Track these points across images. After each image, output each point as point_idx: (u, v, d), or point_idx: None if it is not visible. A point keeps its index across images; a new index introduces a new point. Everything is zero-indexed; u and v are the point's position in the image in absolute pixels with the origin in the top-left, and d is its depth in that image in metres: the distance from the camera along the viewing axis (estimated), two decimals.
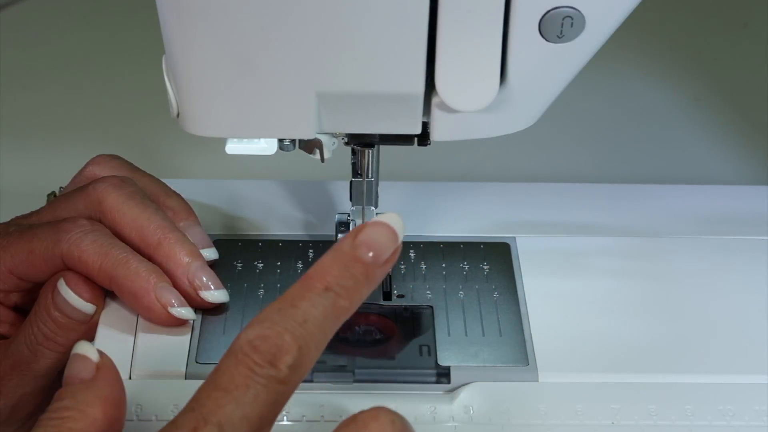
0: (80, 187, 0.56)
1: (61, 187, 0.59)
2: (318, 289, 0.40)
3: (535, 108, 0.49)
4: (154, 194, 0.56)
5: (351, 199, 0.55)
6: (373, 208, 0.55)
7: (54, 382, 0.53)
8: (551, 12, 0.45)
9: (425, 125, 0.49)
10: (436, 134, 0.49)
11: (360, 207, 0.55)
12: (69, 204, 0.55)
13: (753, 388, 0.50)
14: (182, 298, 0.52)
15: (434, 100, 0.47)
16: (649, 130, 0.84)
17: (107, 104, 0.87)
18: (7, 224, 0.56)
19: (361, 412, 0.39)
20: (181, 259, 0.53)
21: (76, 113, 0.86)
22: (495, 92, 0.46)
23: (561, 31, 0.45)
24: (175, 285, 0.52)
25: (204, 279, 0.53)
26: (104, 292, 0.53)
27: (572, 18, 0.45)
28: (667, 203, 0.63)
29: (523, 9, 0.44)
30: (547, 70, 0.47)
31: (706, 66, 0.91)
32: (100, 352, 0.41)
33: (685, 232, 0.60)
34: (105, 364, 0.41)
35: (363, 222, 0.55)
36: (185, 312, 0.52)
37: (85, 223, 0.52)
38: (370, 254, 0.41)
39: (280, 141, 0.51)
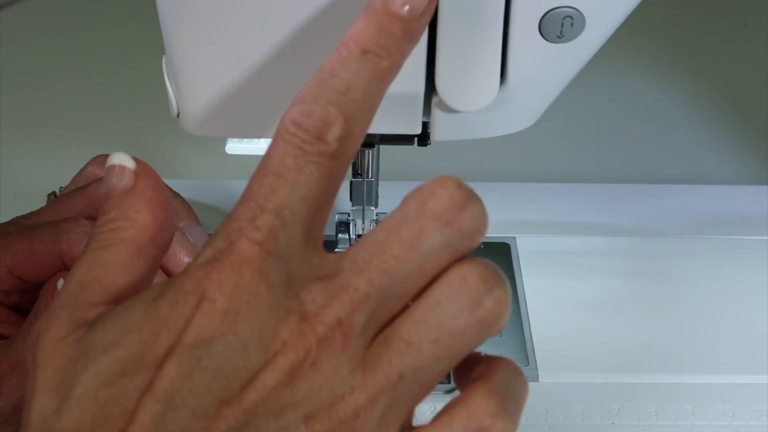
0: (81, 187, 0.56)
1: (61, 187, 0.59)
2: (356, 54, 0.37)
3: (536, 108, 0.49)
4: None
5: (351, 199, 0.55)
6: (373, 208, 0.55)
7: None
8: (551, 12, 0.45)
9: (425, 125, 0.49)
10: (436, 134, 0.49)
11: (360, 207, 0.55)
12: (70, 204, 0.55)
13: (753, 388, 0.51)
14: None
15: (434, 100, 0.47)
16: (649, 130, 0.84)
17: (107, 104, 0.87)
18: (8, 224, 0.56)
19: (427, 182, 0.36)
20: (181, 259, 0.53)
21: (76, 113, 0.86)
22: (495, 92, 0.46)
23: (561, 31, 0.45)
24: None
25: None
26: None
27: (572, 18, 0.45)
28: (667, 203, 0.63)
29: (523, 9, 0.44)
30: (548, 70, 0.47)
31: (706, 66, 0.91)
32: (136, 159, 0.39)
33: (685, 232, 0.60)
34: (143, 170, 0.39)
35: (363, 221, 0.56)
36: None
37: (85, 223, 0.52)
38: (406, 8, 0.38)
39: None
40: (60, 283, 0.52)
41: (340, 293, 0.34)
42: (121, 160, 0.39)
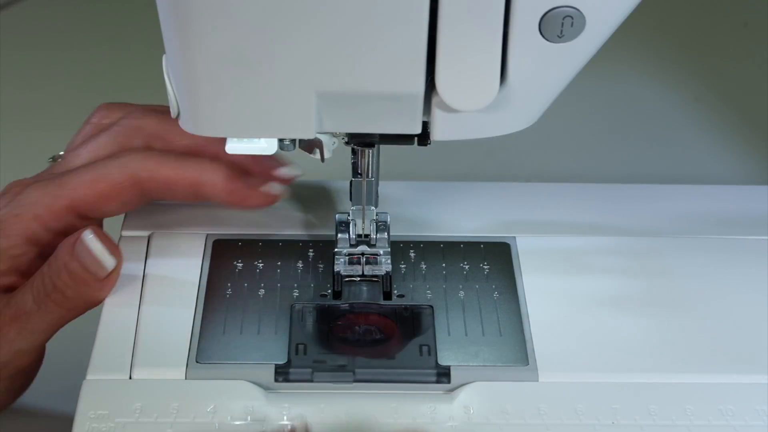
0: (107, 128, 0.57)
1: (61, 154, 0.59)
2: None
3: (535, 108, 0.49)
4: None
5: (351, 199, 0.55)
6: (373, 207, 0.55)
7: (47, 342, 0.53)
8: (551, 12, 0.45)
9: (425, 125, 0.49)
10: (436, 134, 0.49)
11: (360, 207, 0.55)
12: (104, 144, 0.56)
13: (753, 388, 0.51)
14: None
15: (434, 100, 0.47)
16: (649, 130, 0.84)
17: None
18: (38, 175, 0.57)
19: None
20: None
21: (76, 113, 0.85)
22: (495, 92, 0.46)
23: (561, 31, 0.45)
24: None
25: (273, 162, 0.57)
26: (121, 255, 0.54)
27: (572, 18, 0.45)
28: (667, 203, 0.63)
29: (524, 8, 0.44)
30: (548, 69, 0.47)
31: (706, 66, 0.91)
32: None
33: (685, 232, 0.60)
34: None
35: (363, 221, 0.56)
36: (276, 186, 0.56)
37: (142, 149, 0.55)
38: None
39: (281, 140, 0.51)
40: (87, 232, 0.52)
41: None
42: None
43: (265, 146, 0.51)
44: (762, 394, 0.50)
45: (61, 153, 0.59)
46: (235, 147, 0.50)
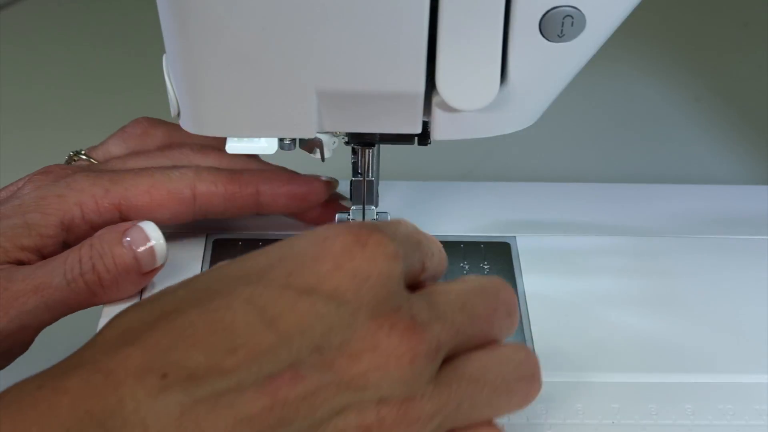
0: (158, 150, 0.58)
1: (82, 151, 0.58)
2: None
3: (536, 108, 0.49)
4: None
5: (351, 199, 0.55)
6: (373, 207, 0.55)
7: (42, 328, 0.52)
8: (552, 11, 0.45)
9: (425, 125, 0.49)
10: (436, 134, 0.49)
11: (360, 207, 0.55)
12: (156, 162, 0.56)
13: (753, 388, 0.50)
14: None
15: (435, 100, 0.47)
16: (649, 130, 0.84)
17: (107, 104, 0.87)
18: (72, 168, 0.56)
19: (495, 280, 0.44)
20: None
21: (76, 113, 0.86)
22: (495, 91, 0.46)
23: (561, 31, 0.45)
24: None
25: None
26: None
27: (573, 17, 0.45)
28: (667, 203, 0.63)
29: (524, 8, 0.44)
30: (548, 69, 0.47)
31: (706, 66, 0.91)
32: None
33: (685, 232, 0.60)
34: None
35: (363, 221, 0.56)
36: (330, 178, 0.58)
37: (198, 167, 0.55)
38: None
39: (281, 140, 0.51)
40: (146, 221, 0.51)
41: (440, 318, 0.40)
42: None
43: (265, 146, 0.51)
44: (762, 394, 0.50)
45: (82, 151, 0.58)
46: (235, 146, 0.50)
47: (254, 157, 0.59)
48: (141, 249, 0.51)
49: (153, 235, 0.51)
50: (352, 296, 0.38)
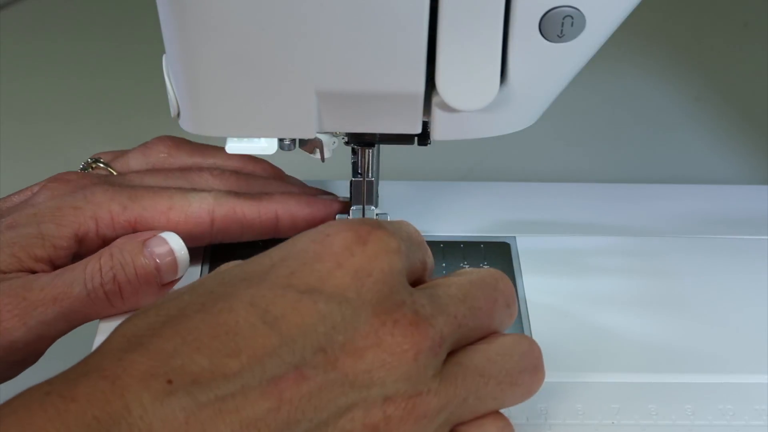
0: (183, 170, 0.57)
1: (98, 158, 0.58)
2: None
3: (535, 108, 0.49)
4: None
5: (351, 199, 0.55)
6: (373, 207, 0.55)
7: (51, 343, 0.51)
8: (552, 11, 0.45)
9: (425, 125, 0.49)
10: (436, 134, 0.49)
11: (360, 207, 0.55)
12: (176, 182, 0.56)
13: (753, 388, 0.50)
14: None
15: (435, 100, 0.47)
16: (649, 130, 0.84)
17: (107, 104, 0.87)
18: (98, 175, 0.55)
19: (495, 273, 0.44)
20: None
21: (76, 113, 0.86)
22: (495, 92, 0.46)
23: (561, 31, 0.45)
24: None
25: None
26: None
27: (572, 17, 0.45)
28: (667, 203, 0.63)
29: (524, 8, 0.44)
30: (548, 69, 0.47)
31: (706, 66, 0.91)
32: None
33: (685, 232, 0.60)
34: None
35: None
36: (345, 199, 0.57)
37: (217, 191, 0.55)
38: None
39: (281, 140, 0.51)
40: (170, 233, 0.51)
41: (443, 311, 0.40)
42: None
43: (265, 146, 0.51)
44: (762, 394, 0.50)
45: (101, 159, 0.58)
46: (235, 147, 0.50)
47: (274, 177, 0.59)
48: (164, 261, 0.51)
49: (176, 246, 0.51)
50: (353, 294, 0.38)
